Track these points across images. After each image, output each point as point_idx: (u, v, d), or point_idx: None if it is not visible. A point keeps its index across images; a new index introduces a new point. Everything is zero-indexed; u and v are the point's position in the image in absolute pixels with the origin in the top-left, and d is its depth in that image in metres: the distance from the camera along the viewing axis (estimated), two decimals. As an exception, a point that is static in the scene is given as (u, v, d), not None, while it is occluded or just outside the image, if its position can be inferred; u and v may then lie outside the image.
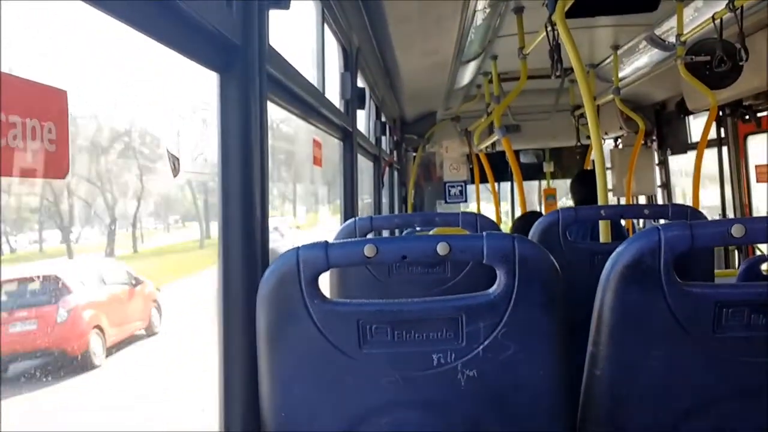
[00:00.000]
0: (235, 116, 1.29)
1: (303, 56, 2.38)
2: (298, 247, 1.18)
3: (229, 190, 1.29)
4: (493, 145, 5.59)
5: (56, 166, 0.70)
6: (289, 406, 1.19)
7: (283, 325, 1.18)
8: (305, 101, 1.98)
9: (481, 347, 1.17)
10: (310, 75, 2.43)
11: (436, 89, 5.24)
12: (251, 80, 1.31)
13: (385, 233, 3.19)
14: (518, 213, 4.76)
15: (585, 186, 3.87)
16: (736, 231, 1.12)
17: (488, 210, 7.67)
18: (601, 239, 2.64)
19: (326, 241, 1.18)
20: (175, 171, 1.11)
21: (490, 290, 1.17)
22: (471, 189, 6.85)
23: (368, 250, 1.16)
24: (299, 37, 2.44)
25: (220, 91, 1.28)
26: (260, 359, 1.20)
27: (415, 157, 6.74)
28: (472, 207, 6.80)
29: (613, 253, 1.18)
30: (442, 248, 1.16)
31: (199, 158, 1.24)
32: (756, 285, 1.17)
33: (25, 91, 0.67)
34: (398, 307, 1.18)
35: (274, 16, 1.49)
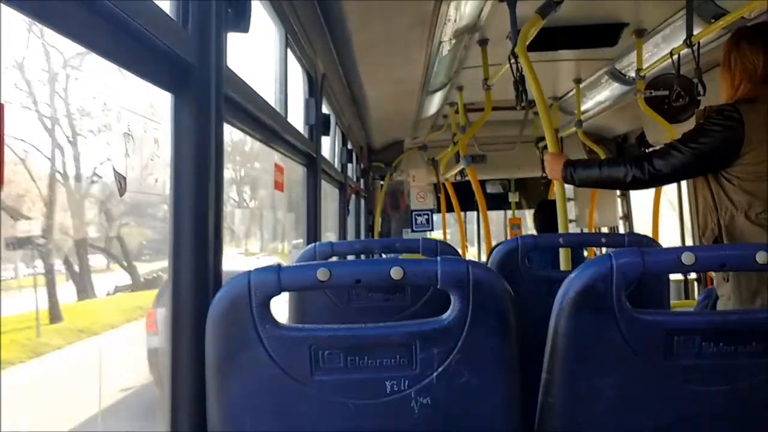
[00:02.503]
0: (190, 137, 1.27)
1: (266, 81, 2.37)
2: (250, 271, 1.16)
3: (182, 212, 1.26)
4: (461, 173, 5.63)
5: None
6: None
7: (233, 350, 1.15)
8: (266, 125, 1.97)
9: (435, 374, 1.16)
10: (273, 99, 2.42)
11: (403, 118, 5.28)
12: (207, 102, 1.30)
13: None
14: (483, 241, 4.78)
15: (545, 216, 3.91)
16: (686, 258, 1.13)
17: (455, 240, 7.69)
18: (561, 267, 2.66)
19: (279, 265, 1.17)
20: (121, 190, 1.09)
21: (444, 316, 1.16)
22: (438, 218, 6.88)
23: (321, 274, 1.14)
24: (262, 62, 2.44)
25: (174, 112, 1.26)
26: (209, 385, 1.17)
27: (382, 185, 6.75)
28: (438, 236, 6.82)
29: (566, 279, 1.18)
30: (395, 272, 1.15)
31: (149, 178, 1.21)
32: (707, 313, 1.18)
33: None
34: (351, 332, 1.16)
35: (234, 39, 1.49)
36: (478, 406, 1.17)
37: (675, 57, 3.11)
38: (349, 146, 4.72)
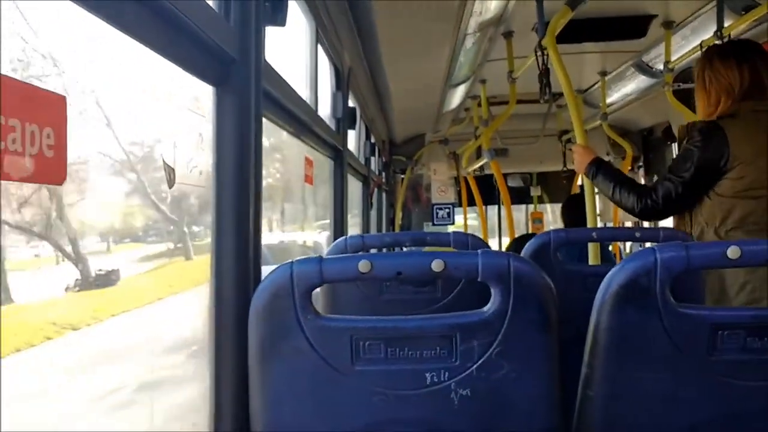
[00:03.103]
0: (231, 131, 1.28)
1: (296, 74, 2.39)
2: (292, 262, 1.17)
3: (223, 202, 1.28)
4: (481, 168, 5.62)
5: (54, 171, 0.69)
6: (280, 423, 1.17)
7: (275, 339, 1.16)
8: (299, 119, 1.98)
9: (475, 366, 1.16)
10: (303, 93, 2.44)
11: (425, 111, 5.28)
12: (247, 95, 1.31)
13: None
14: (505, 236, 4.77)
15: (573, 210, 3.89)
16: (732, 253, 1.12)
17: (475, 233, 7.68)
18: (590, 261, 2.64)
19: (320, 256, 1.17)
20: (171, 182, 1.11)
21: (485, 308, 1.17)
22: (458, 211, 6.87)
23: (363, 266, 1.15)
24: (293, 56, 2.45)
25: (216, 105, 1.27)
26: (251, 375, 1.18)
27: (403, 178, 6.75)
28: (459, 229, 6.81)
29: (609, 274, 1.18)
30: (436, 265, 1.15)
31: (194, 170, 1.23)
32: (752, 308, 1.18)
33: (26, 95, 0.66)
34: (392, 323, 1.17)
35: (270, 33, 1.50)
36: (518, 399, 1.17)
37: (704, 49, 3.08)
38: (372, 140, 4.73)
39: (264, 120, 1.55)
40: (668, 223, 2.49)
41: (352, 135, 3.82)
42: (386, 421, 1.17)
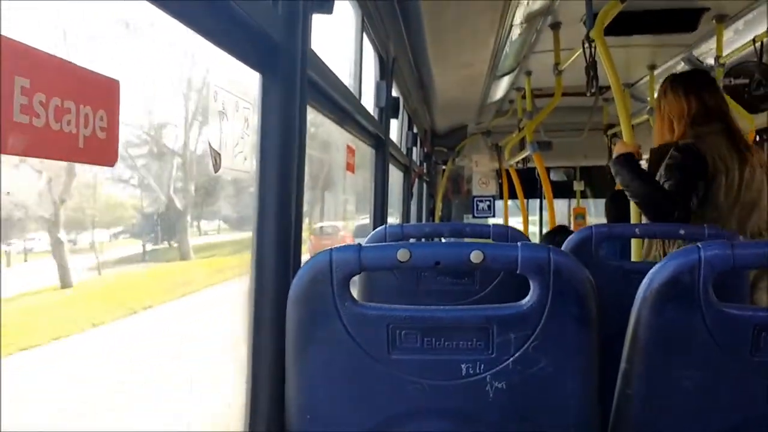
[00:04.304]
0: (276, 117, 1.29)
1: (341, 63, 2.39)
2: (332, 249, 1.18)
3: (266, 189, 1.29)
4: (524, 161, 5.57)
5: (106, 154, 0.71)
6: (315, 408, 1.19)
7: (312, 325, 1.18)
8: (342, 107, 1.99)
9: (511, 359, 1.16)
10: (347, 82, 2.45)
11: (468, 102, 5.25)
12: (293, 82, 1.32)
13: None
14: (547, 230, 4.73)
15: (616, 206, 3.84)
16: None
17: (516, 227, 7.62)
18: (633, 257, 2.60)
19: (359, 244, 1.18)
20: (217, 167, 1.13)
21: (523, 301, 1.16)
22: (499, 204, 6.82)
23: (401, 255, 1.15)
24: (338, 44, 2.46)
25: (262, 92, 1.28)
26: (288, 359, 1.20)
27: (444, 169, 6.73)
28: (499, 222, 6.76)
29: (651, 270, 1.16)
30: (475, 256, 1.15)
31: (239, 156, 1.25)
32: None
33: (80, 78, 0.68)
34: (429, 313, 1.17)
35: (317, 20, 1.50)
36: (554, 394, 1.17)
37: (757, 44, 3.00)
38: (414, 130, 4.72)
39: (309, 108, 1.57)
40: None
41: (394, 125, 3.83)
42: (421, 410, 1.18)
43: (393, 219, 4.60)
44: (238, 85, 1.21)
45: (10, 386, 0.98)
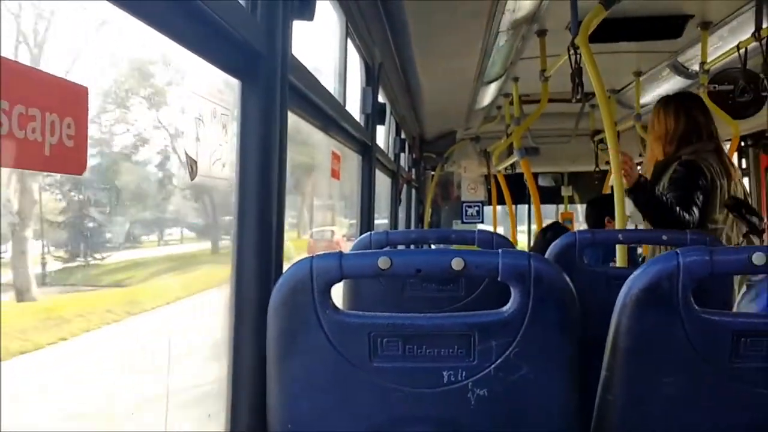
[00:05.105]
0: (256, 124, 1.29)
1: (325, 69, 2.39)
2: (312, 257, 1.17)
3: (246, 196, 1.28)
4: (512, 166, 5.58)
5: (74, 162, 0.70)
6: (296, 418, 1.18)
7: (293, 334, 1.17)
8: (326, 113, 1.98)
9: (493, 366, 1.16)
10: (331, 88, 2.44)
11: (456, 109, 5.25)
12: (273, 89, 1.31)
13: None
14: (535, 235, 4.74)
15: (594, 210, 3.85)
16: (757, 259, 1.10)
17: (505, 232, 7.65)
18: (618, 263, 2.61)
19: (340, 252, 1.18)
20: (193, 174, 1.12)
21: (504, 308, 1.16)
22: (488, 210, 6.84)
23: (382, 263, 1.15)
24: (321, 50, 2.46)
25: (242, 99, 1.28)
26: (269, 368, 1.19)
27: (433, 175, 6.74)
28: (488, 228, 6.78)
29: (630, 277, 1.16)
30: (456, 263, 1.15)
31: (217, 163, 1.23)
32: None
33: (46, 85, 0.67)
34: (411, 321, 1.17)
35: (298, 27, 1.50)
36: (536, 400, 1.16)
37: (741, 50, 3.01)
38: (402, 136, 4.73)
39: (292, 114, 1.56)
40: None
41: (381, 131, 3.83)
42: (403, 418, 1.17)
43: (382, 224, 4.60)
44: (217, 91, 1.20)
45: None
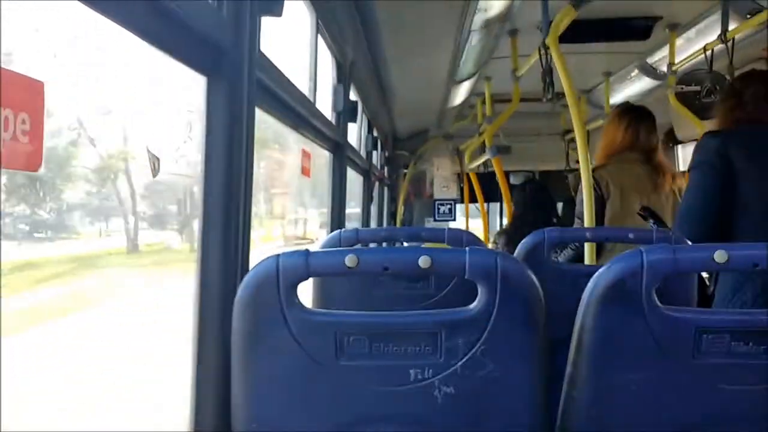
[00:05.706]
0: (222, 121, 1.27)
1: (295, 66, 2.37)
2: (279, 254, 1.16)
3: (212, 193, 1.27)
4: (485, 164, 5.61)
5: (29, 158, 0.68)
6: (262, 417, 1.17)
7: (259, 333, 1.16)
8: (296, 111, 1.97)
9: (460, 364, 1.16)
10: (302, 85, 2.43)
11: (429, 107, 5.27)
12: (239, 85, 1.30)
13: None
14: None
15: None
16: (719, 257, 1.11)
17: (477, 229, 7.69)
18: (586, 261, 2.64)
19: (307, 250, 1.17)
20: (155, 171, 1.10)
21: (471, 306, 1.16)
22: (460, 208, 6.86)
23: (349, 261, 1.15)
24: (292, 48, 2.44)
25: (207, 95, 1.26)
26: (234, 367, 1.18)
27: (405, 173, 6.74)
28: (461, 225, 6.80)
29: (595, 274, 1.17)
30: (423, 261, 1.15)
31: (181, 160, 1.22)
32: (738, 312, 1.17)
33: (0, 79, 0.66)
34: (377, 319, 1.17)
35: (267, 24, 1.49)
36: (502, 397, 1.17)
37: (708, 52, 3.06)
38: (375, 134, 4.72)
39: (260, 112, 1.55)
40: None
41: (353, 129, 3.82)
42: (370, 416, 1.17)
43: (355, 223, 4.59)
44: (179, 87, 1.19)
45: None
